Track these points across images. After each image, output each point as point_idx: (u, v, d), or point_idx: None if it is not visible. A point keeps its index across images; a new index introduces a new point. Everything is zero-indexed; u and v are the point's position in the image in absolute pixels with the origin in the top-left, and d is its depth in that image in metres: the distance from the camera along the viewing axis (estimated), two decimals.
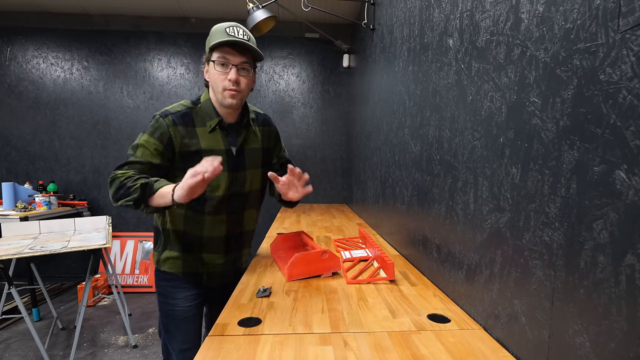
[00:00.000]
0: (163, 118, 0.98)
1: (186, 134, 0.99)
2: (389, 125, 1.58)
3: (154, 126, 0.98)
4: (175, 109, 1.01)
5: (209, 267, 1.10)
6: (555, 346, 0.53)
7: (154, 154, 0.97)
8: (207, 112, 1.03)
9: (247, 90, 1.02)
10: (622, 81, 0.41)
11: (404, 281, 1.03)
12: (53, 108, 3.07)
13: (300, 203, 3.20)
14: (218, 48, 0.96)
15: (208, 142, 1.02)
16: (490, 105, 0.71)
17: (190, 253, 1.08)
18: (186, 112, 1.01)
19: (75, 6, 2.88)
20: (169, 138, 0.98)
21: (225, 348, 0.65)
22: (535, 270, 0.57)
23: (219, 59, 0.96)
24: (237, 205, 1.09)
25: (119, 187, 0.91)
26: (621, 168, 0.41)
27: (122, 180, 0.92)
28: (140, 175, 0.94)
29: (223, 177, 1.03)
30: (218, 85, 0.98)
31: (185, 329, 1.09)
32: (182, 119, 0.99)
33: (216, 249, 1.09)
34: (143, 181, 0.90)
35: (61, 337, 2.18)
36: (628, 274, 0.40)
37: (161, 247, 1.09)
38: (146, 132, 0.99)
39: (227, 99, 0.99)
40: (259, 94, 3.17)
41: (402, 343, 0.67)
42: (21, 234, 2.00)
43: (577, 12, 0.48)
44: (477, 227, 0.76)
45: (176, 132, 0.98)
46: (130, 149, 0.99)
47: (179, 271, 1.08)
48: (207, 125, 1.02)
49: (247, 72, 1.00)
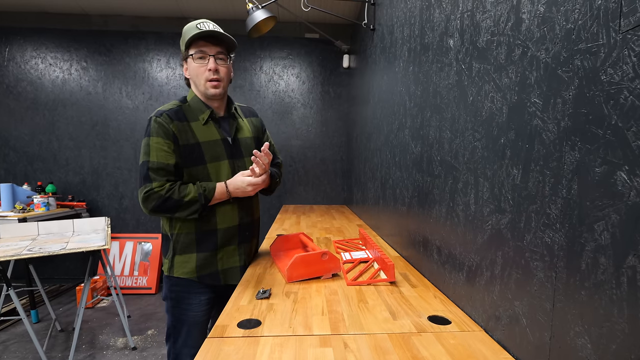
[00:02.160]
0: (159, 117, 1.01)
1: (183, 129, 1.03)
2: (389, 126, 1.58)
3: (155, 127, 1.00)
4: (167, 107, 1.05)
5: (226, 262, 1.11)
6: (557, 348, 0.52)
7: (169, 154, 1.00)
8: (198, 107, 1.08)
9: (227, 79, 1.09)
10: (623, 82, 0.41)
11: (404, 283, 1.03)
12: (52, 109, 3.06)
13: (300, 204, 3.21)
14: (194, 43, 1.03)
15: (204, 134, 1.06)
16: (491, 105, 0.71)
17: (205, 252, 1.08)
18: (178, 109, 1.05)
19: (74, 6, 2.87)
20: (173, 134, 1.01)
21: (225, 350, 0.65)
22: (536, 271, 0.57)
23: (196, 53, 1.03)
24: None
25: (165, 200, 0.97)
26: (622, 169, 0.41)
27: (164, 194, 0.97)
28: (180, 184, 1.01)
29: (225, 166, 1.08)
30: (200, 78, 1.05)
31: (197, 334, 1.09)
32: (176, 115, 1.03)
33: (231, 240, 1.11)
34: (194, 193, 0.99)
35: (60, 339, 2.17)
36: (629, 276, 0.40)
37: (172, 253, 1.08)
38: (151, 135, 1.01)
39: (210, 90, 1.05)
40: (258, 95, 3.17)
41: (403, 345, 0.67)
42: (19, 235, 1.99)
43: (578, 12, 0.48)
44: (477, 228, 0.76)
45: (175, 127, 1.02)
46: (142, 156, 1.01)
47: (193, 275, 1.07)
48: (199, 118, 1.07)
49: (224, 61, 1.07)
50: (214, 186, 1.04)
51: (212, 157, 1.07)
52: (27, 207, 2.63)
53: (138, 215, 3.16)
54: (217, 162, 1.08)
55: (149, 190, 0.97)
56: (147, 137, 1.01)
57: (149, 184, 0.98)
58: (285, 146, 3.19)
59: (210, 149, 1.06)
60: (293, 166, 3.22)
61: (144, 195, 0.98)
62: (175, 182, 1.01)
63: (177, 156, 1.01)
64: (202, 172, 1.06)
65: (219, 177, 1.08)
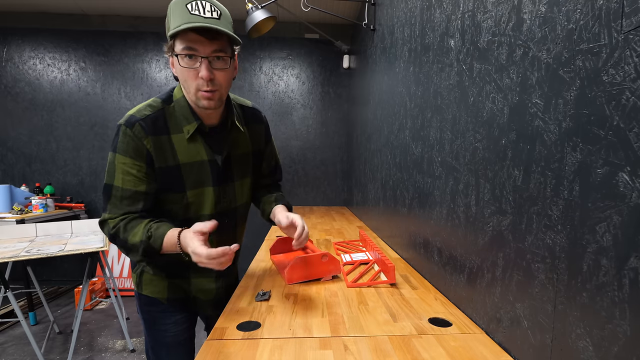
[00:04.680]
0: (130, 128, 0.77)
1: (160, 146, 0.79)
2: (389, 126, 1.57)
3: (123, 141, 0.77)
4: (142, 113, 0.79)
5: (200, 293, 0.96)
6: (558, 350, 0.52)
7: (137, 180, 0.78)
8: (183, 114, 0.81)
9: (227, 86, 0.80)
10: (625, 82, 0.41)
11: (404, 284, 1.03)
12: (50, 109, 3.05)
13: (300, 205, 3.20)
14: (180, 35, 0.71)
15: (186, 153, 0.82)
16: (492, 106, 0.70)
17: (175, 278, 0.93)
18: (156, 116, 0.80)
19: (72, 6, 2.87)
20: (147, 153, 0.78)
21: (224, 352, 0.64)
22: (537, 273, 0.57)
23: (183, 51, 0.72)
24: (227, 223, 0.92)
25: (112, 237, 0.79)
26: (624, 170, 0.41)
27: (110, 230, 0.79)
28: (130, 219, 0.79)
29: (209, 193, 0.86)
30: (189, 86, 0.76)
31: (178, 354, 0.97)
32: (153, 127, 0.79)
33: (207, 272, 0.93)
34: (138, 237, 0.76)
35: (58, 342, 2.16)
36: (631, 278, 0.40)
37: (140, 267, 0.93)
38: (117, 150, 0.78)
39: (201, 101, 0.77)
40: (258, 95, 3.17)
41: (403, 347, 0.67)
42: (17, 237, 1.98)
43: (579, 12, 0.48)
44: (478, 230, 0.76)
45: (150, 143, 0.78)
46: (106, 175, 0.80)
47: (162, 297, 0.93)
48: (183, 131, 0.81)
49: (224, 63, 0.76)
50: (163, 233, 0.76)
51: (194, 182, 0.84)
52: (25, 209, 2.62)
53: None
54: (200, 189, 0.85)
55: (102, 220, 0.81)
56: (112, 153, 0.78)
57: (104, 212, 0.80)
58: (285, 147, 3.19)
59: (192, 173, 0.83)
60: (293, 167, 3.21)
61: (99, 222, 0.82)
62: (135, 213, 0.80)
63: (150, 181, 0.80)
64: (179, 200, 0.84)
65: (200, 207, 0.86)
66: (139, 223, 0.79)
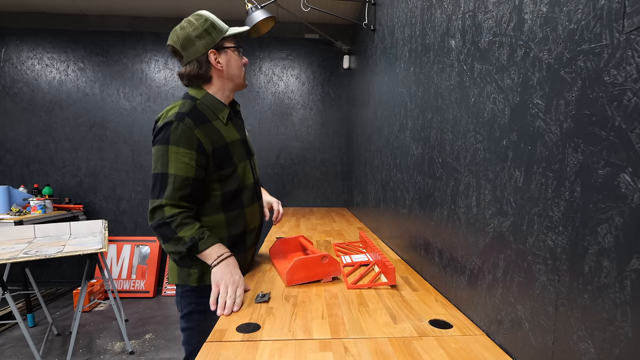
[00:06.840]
0: (182, 122, 0.89)
1: (208, 132, 0.94)
2: (390, 127, 1.57)
3: (177, 134, 0.89)
4: (185, 108, 0.93)
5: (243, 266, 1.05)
6: (559, 352, 0.52)
7: (190, 167, 0.89)
8: (214, 105, 1.00)
9: None
10: (627, 83, 0.41)
11: (405, 286, 1.02)
12: (48, 110, 3.04)
13: (300, 207, 3.20)
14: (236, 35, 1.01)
15: (228, 134, 1.00)
16: (493, 107, 0.70)
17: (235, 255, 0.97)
18: (196, 110, 0.95)
19: (71, 6, 2.86)
20: (198, 142, 0.91)
21: (224, 354, 0.64)
22: (538, 275, 0.56)
23: (238, 44, 1.02)
24: (259, 191, 1.12)
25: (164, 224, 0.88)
26: (626, 171, 0.41)
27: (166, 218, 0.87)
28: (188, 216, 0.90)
29: (247, 166, 1.05)
30: (241, 71, 1.03)
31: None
32: (198, 118, 0.93)
33: (251, 242, 1.09)
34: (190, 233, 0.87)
35: (56, 343, 2.15)
36: (633, 279, 0.40)
37: (198, 261, 0.94)
38: (170, 143, 0.88)
39: (245, 82, 1.07)
40: (257, 96, 3.17)
41: (404, 349, 0.66)
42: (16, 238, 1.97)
43: (581, 12, 0.48)
44: (479, 231, 0.75)
45: (201, 133, 0.92)
46: (159, 166, 0.89)
47: None
48: (219, 117, 1.00)
49: None
50: (213, 241, 0.90)
51: (239, 157, 1.01)
52: (23, 210, 2.61)
53: (136, 218, 3.15)
54: (244, 162, 1.03)
55: (156, 206, 0.88)
56: (164, 145, 0.88)
57: (158, 199, 0.88)
58: (285, 148, 3.18)
59: (236, 149, 1.01)
60: (292, 168, 3.21)
61: (152, 208, 0.89)
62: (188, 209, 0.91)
63: (198, 168, 0.91)
64: (232, 174, 0.99)
65: (246, 177, 1.03)
66: (194, 222, 0.91)
